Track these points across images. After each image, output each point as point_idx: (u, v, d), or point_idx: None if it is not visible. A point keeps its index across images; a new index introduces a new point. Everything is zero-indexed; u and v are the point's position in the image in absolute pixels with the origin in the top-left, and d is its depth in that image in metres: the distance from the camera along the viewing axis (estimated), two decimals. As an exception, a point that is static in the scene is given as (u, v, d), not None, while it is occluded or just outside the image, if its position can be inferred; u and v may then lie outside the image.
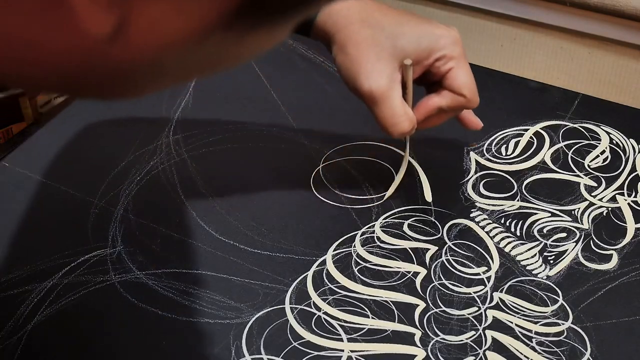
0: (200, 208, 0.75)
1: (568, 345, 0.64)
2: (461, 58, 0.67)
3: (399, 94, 0.65)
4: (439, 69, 0.67)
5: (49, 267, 0.69)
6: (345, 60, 0.65)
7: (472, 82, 0.67)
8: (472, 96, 0.67)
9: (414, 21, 0.67)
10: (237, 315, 0.66)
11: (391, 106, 0.65)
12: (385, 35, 0.65)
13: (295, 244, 0.72)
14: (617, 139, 0.83)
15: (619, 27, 0.93)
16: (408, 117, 0.65)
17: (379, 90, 0.64)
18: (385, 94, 0.64)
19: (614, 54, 0.95)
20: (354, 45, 0.65)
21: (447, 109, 0.68)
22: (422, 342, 0.64)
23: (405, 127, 0.65)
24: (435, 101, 0.68)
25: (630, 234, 0.73)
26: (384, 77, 0.64)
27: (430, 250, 0.71)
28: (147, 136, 0.83)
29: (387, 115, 0.65)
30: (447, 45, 0.66)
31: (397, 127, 0.65)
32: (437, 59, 0.66)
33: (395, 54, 0.65)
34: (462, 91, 0.67)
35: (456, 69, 0.67)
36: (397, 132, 0.66)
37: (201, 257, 0.70)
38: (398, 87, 0.65)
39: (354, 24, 0.65)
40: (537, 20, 0.97)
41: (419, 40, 0.65)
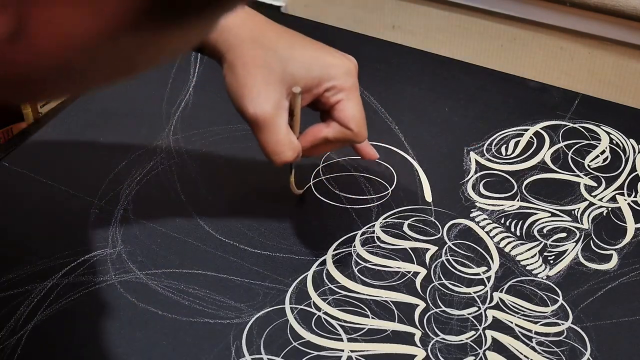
0: (200, 208, 0.75)
1: (568, 345, 0.64)
2: (352, 90, 0.64)
3: (284, 121, 0.63)
4: (328, 99, 0.64)
5: (49, 267, 0.69)
6: (232, 81, 0.63)
7: (361, 116, 0.65)
8: (359, 130, 0.65)
9: (309, 47, 0.64)
10: (237, 315, 0.66)
11: (275, 133, 0.62)
12: (276, 58, 0.62)
13: (295, 244, 0.72)
14: (617, 139, 0.83)
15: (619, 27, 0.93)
16: (292, 146, 0.63)
17: (263, 116, 0.61)
18: (270, 121, 0.62)
19: (614, 54, 0.95)
20: (242, 65, 0.62)
21: (333, 140, 0.66)
22: (422, 342, 0.64)
23: (288, 157, 0.63)
24: (322, 131, 0.65)
25: (630, 234, 0.73)
26: (270, 103, 0.62)
27: (430, 250, 0.71)
28: (147, 136, 0.83)
29: (271, 142, 0.62)
30: (339, 75, 0.64)
31: (280, 156, 0.63)
32: (327, 89, 0.64)
33: (284, 79, 0.62)
34: (349, 124, 0.64)
35: (345, 102, 0.64)
36: (279, 160, 0.63)
37: (201, 257, 0.70)
38: (284, 114, 0.63)
39: (245, 43, 0.63)
40: (537, 20, 0.97)
41: (310, 67, 0.63)
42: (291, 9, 1.12)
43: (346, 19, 1.08)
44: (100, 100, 0.88)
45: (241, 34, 0.63)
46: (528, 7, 0.97)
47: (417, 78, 0.92)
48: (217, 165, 0.80)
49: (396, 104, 0.88)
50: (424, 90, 0.90)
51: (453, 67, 0.94)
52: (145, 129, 0.84)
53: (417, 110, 0.87)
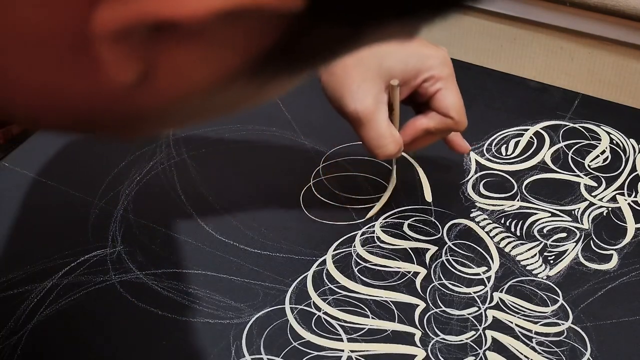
0: (200, 208, 0.75)
1: (568, 345, 0.64)
2: (449, 79, 0.65)
3: (385, 115, 0.63)
4: (426, 89, 0.65)
5: (49, 267, 0.69)
6: (330, 80, 0.64)
7: (461, 104, 0.66)
8: (459, 118, 0.65)
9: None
10: (237, 315, 0.66)
11: (377, 128, 0.63)
12: (371, 54, 0.63)
13: (295, 244, 0.72)
14: (617, 139, 0.83)
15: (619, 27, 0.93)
16: (394, 139, 0.63)
17: (364, 112, 0.62)
18: (371, 115, 0.62)
19: (614, 54, 0.95)
20: (339, 65, 0.63)
21: (434, 131, 0.66)
22: (422, 342, 0.64)
23: (391, 150, 0.63)
24: (422, 123, 0.66)
25: (630, 234, 0.73)
26: (370, 98, 0.62)
27: (430, 250, 0.71)
28: (147, 136, 0.83)
29: (373, 137, 0.63)
30: (435, 65, 0.65)
31: (383, 150, 0.63)
32: (424, 79, 0.65)
33: (381, 74, 0.63)
34: (449, 113, 0.65)
35: (444, 90, 0.65)
36: (383, 154, 0.64)
37: (201, 257, 0.70)
38: (384, 108, 0.64)
39: None
40: (537, 20, 0.97)
41: (406, 60, 0.64)
42: (291, 9, 1.12)
43: (346, 19, 1.08)
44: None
45: None
46: (528, 7, 0.97)
47: (417, 78, 0.92)
48: (217, 165, 0.80)
49: (396, 104, 0.88)
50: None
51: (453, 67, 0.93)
52: (145, 129, 0.84)
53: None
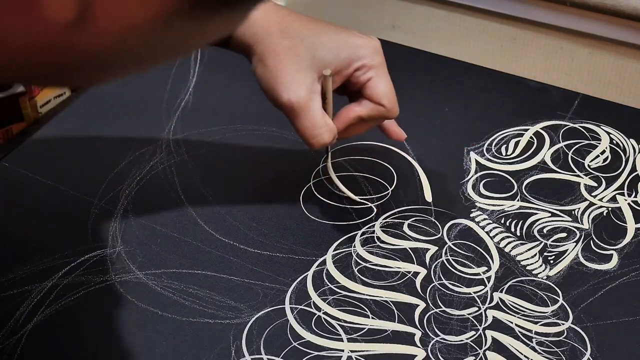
0: (200, 208, 0.75)
1: (568, 345, 0.64)
2: (381, 67, 0.66)
3: (318, 104, 0.64)
4: (358, 78, 0.66)
5: (49, 267, 0.69)
6: (264, 72, 0.65)
7: (392, 92, 0.67)
8: (391, 106, 0.66)
9: (334, 31, 0.66)
10: (237, 315, 0.66)
11: (311, 117, 0.64)
12: (304, 46, 0.64)
13: (295, 244, 0.72)
14: (617, 139, 0.83)
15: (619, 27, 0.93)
16: (328, 128, 0.64)
17: (298, 102, 0.63)
18: (305, 105, 0.64)
19: (614, 54, 0.95)
20: (273, 56, 0.64)
21: (367, 119, 0.67)
22: (422, 342, 0.64)
23: (326, 138, 0.64)
24: (355, 111, 0.67)
25: (630, 234, 0.73)
26: (303, 88, 0.64)
27: (430, 250, 0.71)
28: (147, 136, 0.83)
29: (308, 126, 0.64)
30: (367, 54, 0.66)
31: (317, 139, 0.64)
32: (356, 68, 0.66)
33: (314, 64, 0.64)
34: (381, 101, 0.66)
35: (376, 79, 0.66)
36: (318, 144, 0.65)
37: (201, 257, 0.70)
38: (318, 98, 0.64)
39: (273, 35, 0.64)
40: (537, 20, 0.97)
41: (338, 50, 0.65)
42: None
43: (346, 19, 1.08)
44: (101, 100, 0.88)
45: (268, 27, 0.65)
46: (528, 7, 0.97)
47: (417, 78, 0.92)
48: (217, 165, 0.80)
49: (396, 104, 0.88)
50: (424, 90, 0.90)
51: (453, 67, 0.94)
52: (145, 129, 0.84)
53: (417, 110, 0.87)
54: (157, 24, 0.28)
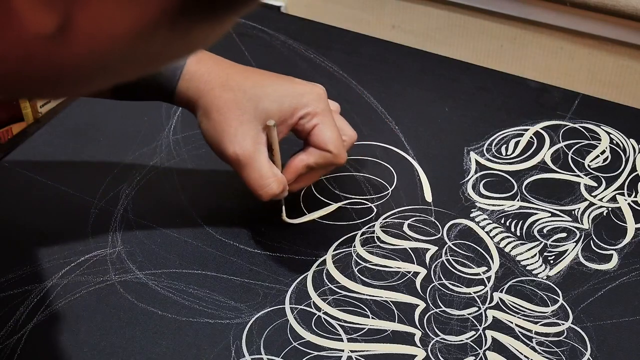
0: (200, 208, 0.75)
1: (568, 345, 0.64)
2: (325, 113, 0.66)
3: (265, 155, 0.65)
4: (303, 126, 0.66)
5: (49, 267, 0.69)
6: (209, 127, 0.65)
7: (338, 137, 0.66)
8: (338, 151, 0.66)
9: (276, 81, 0.66)
10: (237, 315, 0.66)
11: (258, 168, 0.64)
12: (247, 98, 0.64)
13: (295, 244, 0.72)
14: (617, 139, 0.83)
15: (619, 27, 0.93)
16: (277, 179, 0.64)
17: (244, 154, 0.64)
18: (251, 157, 0.64)
19: (614, 54, 0.95)
20: (216, 110, 0.64)
21: (315, 166, 0.67)
22: (422, 342, 0.64)
23: (274, 189, 0.64)
24: (302, 159, 0.67)
25: (630, 234, 0.73)
26: (248, 140, 0.64)
27: (430, 250, 0.71)
28: (147, 136, 0.83)
29: (255, 177, 0.64)
30: (310, 102, 0.66)
31: (266, 190, 0.64)
32: (300, 117, 0.66)
33: (258, 116, 0.64)
34: (327, 147, 0.66)
35: (321, 125, 0.66)
36: (267, 194, 0.64)
37: (201, 257, 0.70)
38: (264, 149, 0.65)
39: (215, 88, 0.65)
40: (537, 20, 0.97)
41: (281, 100, 0.65)
42: (291, 9, 1.12)
43: (346, 19, 1.09)
44: (100, 100, 0.88)
45: (210, 81, 0.65)
46: (528, 7, 0.97)
47: (417, 78, 0.92)
48: (217, 165, 0.80)
49: (396, 104, 0.88)
50: (424, 90, 0.90)
51: (453, 67, 0.94)
52: (145, 129, 0.84)
53: (417, 110, 0.87)
54: (139, 35, 0.27)
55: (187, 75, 0.66)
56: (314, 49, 0.95)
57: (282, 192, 0.65)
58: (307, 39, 0.97)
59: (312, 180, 0.70)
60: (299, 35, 0.97)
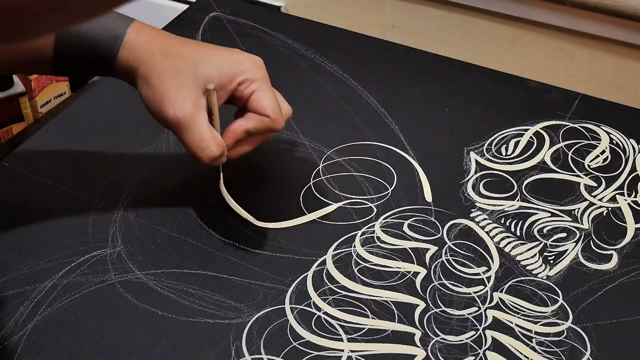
0: (200, 208, 0.75)
1: (568, 345, 0.64)
2: (264, 80, 0.68)
3: (205, 118, 0.66)
4: (242, 92, 0.68)
5: (49, 267, 0.69)
6: (149, 92, 0.66)
7: (276, 103, 0.68)
8: (275, 116, 0.67)
9: (216, 50, 0.68)
10: (237, 315, 0.66)
11: (198, 131, 0.65)
12: (186, 64, 0.66)
13: (295, 244, 0.72)
14: (617, 139, 0.83)
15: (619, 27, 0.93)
16: (216, 141, 0.65)
17: (184, 116, 0.65)
18: (191, 120, 0.65)
19: (614, 54, 0.95)
20: (156, 76, 0.66)
21: (254, 131, 0.68)
22: (422, 342, 0.64)
23: (214, 151, 0.65)
24: (240, 124, 0.68)
25: (630, 234, 0.73)
26: (188, 103, 0.65)
27: (430, 250, 0.71)
28: (147, 136, 0.83)
29: (195, 140, 0.65)
30: (249, 69, 0.67)
31: (206, 152, 0.65)
32: (239, 82, 0.67)
33: (198, 81, 0.66)
34: (265, 111, 0.67)
35: (259, 92, 0.67)
36: (207, 157, 0.65)
37: (201, 257, 0.70)
38: (204, 113, 0.66)
39: (155, 56, 0.66)
40: (537, 20, 0.97)
41: (220, 66, 0.67)
42: (291, 9, 1.12)
43: (346, 19, 1.09)
44: (100, 100, 0.88)
45: (150, 49, 0.67)
46: (528, 7, 0.97)
47: (417, 78, 0.92)
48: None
49: (396, 104, 0.88)
50: (424, 90, 0.90)
51: (453, 67, 0.94)
52: (145, 129, 0.84)
53: (417, 110, 0.87)
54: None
55: (127, 44, 0.67)
56: (314, 49, 0.95)
57: (221, 156, 0.66)
58: (307, 39, 0.97)
59: (250, 148, 0.70)
60: (299, 35, 0.97)
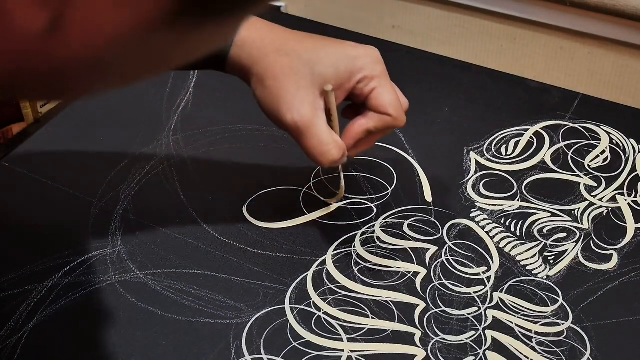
0: (200, 208, 0.75)
1: (568, 345, 0.64)
2: (383, 76, 0.65)
3: (323, 121, 0.63)
4: (362, 90, 0.64)
5: (49, 267, 0.69)
6: (264, 94, 0.63)
7: (397, 100, 0.65)
8: (398, 114, 0.65)
9: (331, 45, 0.65)
10: (237, 315, 0.66)
11: (317, 135, 0.62)
12: (302, 63, 0.63)
13: (295, 244, 0.72)
14: (617, 139, 0.83)
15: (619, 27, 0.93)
16: (337, 145, 0.63)
17: (302, 121, 0.62)
18: (310, 123, 0.62)
19: (614, 54, 0.95)
20: (272, 77, 0.62)
21: (375, 130, 0.65)
22: (422, 342, 0.64)
23: (335, 155, 0.63)
24: (362, 124, 0.65)
25: (630, 234, 0.73)
26: (306, 106, 0.62)
27: (430, 250, 0.71)
28: (147, 136, 0.83)
29: (315, 144, 0.62)
30: (367, 65, 0.64)
31: (326, 156, 0.62)
32: (358, 80, 0.64)
33: (314, 81, 0.62)
34: (387, 110, 0.64)
35: (379, 89, 0.64)
36: (327, 161, 0.63)
37: (201, 257, 0.70)
38: (322, 115, 0.63)
39: (270, 54, 0.63)
40: (537, 20, 0.97)
41: (337, 64, 0.63)
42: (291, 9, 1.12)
43: (346, 19, 1.08)
44: (101, 100, 0.88)
45: (264, 47, 0.63)
46: (528, 7, 0.97)
47: (417, 78, 0.92)
48: (217, 165, 0.80)
49: (396, 104, 0.88)
50: (424, 90, 0.90)
51: (453, 67, 0.94)
52: (145, 129, 0.84)
53: (417, 110, 0.87)
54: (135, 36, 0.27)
55: (240, 42, 0.64)
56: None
57: (342, 158, 0.64)
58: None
59: (370, 145, 0.68)
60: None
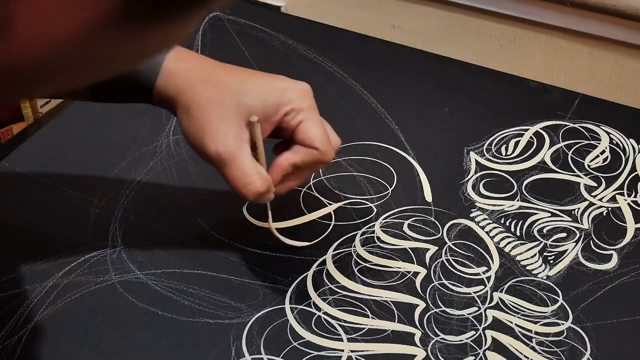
0: (200, 208, 0.75)
1: (568, 345, 0.64)
2: (311, 110, 0.64)
3: (247, 152, 0.61)
4: (288, 123, 0.63)
5: (49, 267, 0.69)
6: (189, 124, 0.62)
7: (324, 134, 0.64)
8: (325, 148, 0.63)
9: (259, 78, 0.64)
10: (237, 315, 0.66)
11: (241, 166, 0.61)
12: (229, 94, 0.61)
13: (295, 244, 0.72)
14: (617, 139, 0.83)
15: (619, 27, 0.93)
16: (261, 177, 0.61)
17: (226, 152, 0.60)
18: (233, 155, 0.60)
19: (614, 54, 0.95)
20: (197, 107, 0.61)
21: (302, 165, 0.64)
22: (422, 342, 0.64)
23: (259, 187, 0.61)
24: (287, 158, 0.64)
25: (630, 234, 0.73)
26: (230, 137, 0.61)
27: (430, 250, 0.71)
28: (147, 136, 0.83)
29: (238, 175, 0.61)
30: (295, 98, 0.63)
31: (249, 187, 0.61)
32: (285, 113, 0.63)
33: (240, 112, 0.61)
34: (314, 144, 0.63)
35: (306, 122, 0.63)
36: (251, 193, 0.61)
37: (201, 257, 0.70)
38: (246, 146, 0.61)
39: (196, 84, 0.62)
40: (537, 20, 0.97)
41: (264, 96, 0.62)
42: (291, 9, 1.12)
43: (346, 19, 1.08)
44: (100, 100, 0.88)
45: (191, 77, 0.62)
46: (528, 7, 0.97)
47: (417, 78, 0.92)
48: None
49: (396, 104, 0.88)
50: (424, 90, 0.90)
51: (453, 67, 0.94)
52: (145, 129, 0.84)
53: (417, 110, 0.87)
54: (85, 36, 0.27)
55: (166, 71, 0.63)
56: (314, 49, 0.95)
57: (267, 192, 0.62)
58: (307, 39, 0.97)
59: (299, 181, 0.67)
60: (299, 35, 0.97)
